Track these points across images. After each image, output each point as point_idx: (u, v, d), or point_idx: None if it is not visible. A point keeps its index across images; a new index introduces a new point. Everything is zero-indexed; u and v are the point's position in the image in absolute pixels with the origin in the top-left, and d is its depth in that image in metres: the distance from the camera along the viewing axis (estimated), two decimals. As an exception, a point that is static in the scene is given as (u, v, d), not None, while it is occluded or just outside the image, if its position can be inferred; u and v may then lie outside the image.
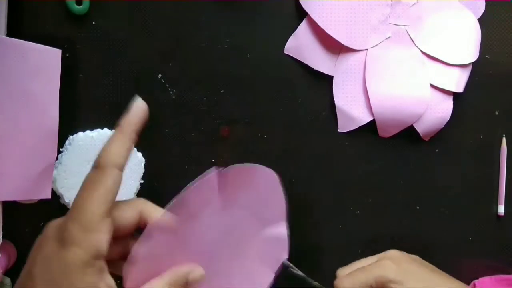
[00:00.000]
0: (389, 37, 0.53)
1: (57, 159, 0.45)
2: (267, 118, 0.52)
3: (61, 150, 0.45)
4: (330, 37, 0.51)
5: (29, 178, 0.42)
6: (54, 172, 0.44)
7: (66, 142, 0.46)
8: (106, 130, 0.47)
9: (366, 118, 0.53)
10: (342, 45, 0.52)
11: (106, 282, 0.28)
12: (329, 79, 0.53)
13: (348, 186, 0.55)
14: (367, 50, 0.53)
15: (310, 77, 0.52)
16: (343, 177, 0.55)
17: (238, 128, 0.51)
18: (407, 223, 0.56)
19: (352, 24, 0.52)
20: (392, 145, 0.55)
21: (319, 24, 0.50)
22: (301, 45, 0.51)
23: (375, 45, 0.53)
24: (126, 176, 0.31)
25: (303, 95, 0.53)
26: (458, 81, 0.55)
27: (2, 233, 0.42)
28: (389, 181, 0.56)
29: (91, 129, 0.47)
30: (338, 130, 0.54)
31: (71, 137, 0.46)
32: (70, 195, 0.45)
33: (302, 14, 0.51)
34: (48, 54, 0.42)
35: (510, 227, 0.59)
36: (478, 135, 0.58)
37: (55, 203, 0.46)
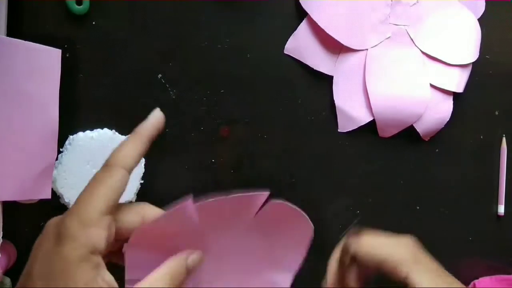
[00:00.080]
0: (389, 37, 0.53)
1: (57, 159, 0.45)
2: (267, 118, 0.52)
3: (61, 150, 0.45)
4: (330, 37, 0.51)
5: (29, 178, 0.42)
6: (54, 172, 0.44)
7: (66, 142, 0.46)
8: (106, 130, 0.47)
9: (366, 118, 0.53)
10: (342, 45, 0.52)
11: (103, 277, 0.27)
12: (329, 79, 0.53)
13: (348, 186, 0.55)
14: (367, 50, 0.53)
15: (310, 77, 0.52)
16: (343, 177, 0.55)
17: (238, 128, 0.51)
18: (407, 223, 0.56)
19: (352, 24, 0.52)
20: (392, 145, 0.55)
21: (319, 24, 0.50)
22: (301, 45, 0.51)
23: (375, 45, 0.53)
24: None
25: (303, 95, 0.53)
26: (458, 81, 0.55)
27: (2, 233, 0.42)
28: (389, 181, 0.56)
29: (91, 129, 0.47)
30: (338, 130, 0.54)
31: (71, 137, 0.46)
32: (70, 195, 0.45)
33: (302, 14, 0.51)
34: (48, 54, 0.42)
35: (510, 227, 0.59)
36: (478, 135, 0.58)
37: (55, 203, 0.45)
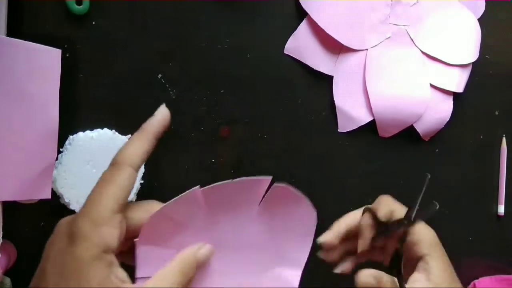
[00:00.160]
0: (389, 37, 0.53)
1: (57, 159, 0.45)
2: (267, 118, 0.52)
3: (61, 150, 0.45)
4: (330, 37, 0.51)
5: (29, 178, 0.42)
6: (54, 172, 0.44)
7: (66, 142, 0.46)
8: (106, 130, 0.47)
9: (366, 118, 0.53)
10: (342, 45, 0.52)
11: (116, 275, 0.27)
12: (329, 79, 0.53)
13: (348, 186, 0.55)
14: (367, 50, 0.53)
15: (310, 77, 0.52)
16: (343, 177, 0.54)
17: (238, 128, 0.51)
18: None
19: (352, 24, 0.52)
20: (392, 145, 0.55)
21: (319, 24, 0.50)
22: (301, 45, 0.51)
23: (375, 45, 0.53)
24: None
25: (303, 95, 0.53)
26: (458, 81, 0.55)
27: (2, 233, 0.42)
28: (389, 181, 0.56)
29: (91, 129, 0.47)
30: (338, 130, 0.54)
31: (71, 137, 0.46)
32: (70, 195, 0.45)
33: (302, 14, 0.51)
34: (48, 54, 0.42)
35: (510, 227, 0.59)
36: (478, 135, 0.58)
37: (55, 203, 0.45)
